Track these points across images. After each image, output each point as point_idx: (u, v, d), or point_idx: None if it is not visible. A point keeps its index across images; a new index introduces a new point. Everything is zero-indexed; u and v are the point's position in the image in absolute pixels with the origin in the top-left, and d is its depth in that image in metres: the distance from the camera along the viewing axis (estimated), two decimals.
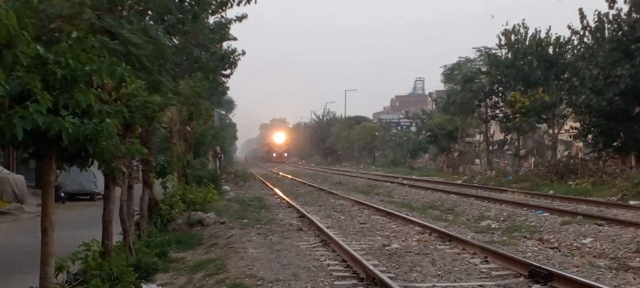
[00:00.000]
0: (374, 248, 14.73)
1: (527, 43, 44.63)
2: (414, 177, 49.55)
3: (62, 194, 25.04)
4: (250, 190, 36.84)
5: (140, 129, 12.32)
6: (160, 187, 18.02)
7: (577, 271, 11.69)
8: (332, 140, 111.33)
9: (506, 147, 52.93)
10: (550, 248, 14.55)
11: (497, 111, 50.93)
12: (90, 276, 9.37)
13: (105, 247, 10.37)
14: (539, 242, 15.38)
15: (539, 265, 11.49)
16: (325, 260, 13.15)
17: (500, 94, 49.66)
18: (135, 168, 13.71)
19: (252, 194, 32.86)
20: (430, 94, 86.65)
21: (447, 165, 59.40)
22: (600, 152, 35.39)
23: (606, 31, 33.09)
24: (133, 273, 10.42)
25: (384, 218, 21.09)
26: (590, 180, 30.85)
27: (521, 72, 44.29)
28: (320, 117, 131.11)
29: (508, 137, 49.68)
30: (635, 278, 11.08)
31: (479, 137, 61.37)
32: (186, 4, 17.56)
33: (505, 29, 45.78)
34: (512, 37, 45.50)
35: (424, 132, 71.26)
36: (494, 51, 48.08)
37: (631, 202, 23.27)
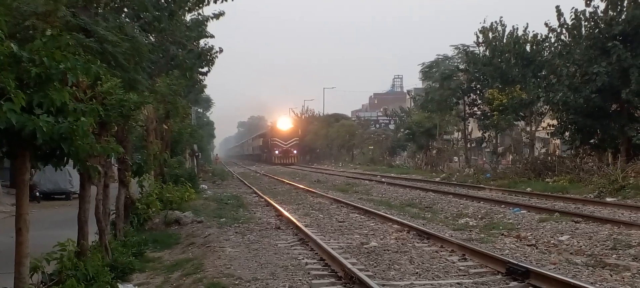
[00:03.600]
0: (352, 246, 14.71)
1: (504, 41, 44.83)
2: (392, 174, 49.62)
3: (37, 193, 24.78)
4: (228, 189, 36.71)
5: (116, 128, 12.22)
6: (137, 186, 17.90)
7: (554, 268, 11.75)
8: (311, 138, 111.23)
9: (484, 144, 53.19)
10: (528, 245, 14.61)
11: (475, 109, 51.15)
12: (65, 276, 9.28)
13: (80, 247, 10.28)
14: (516, 239, 15.45)
15: (516, 262, 11.54)
16: (303, 259, 13.12)
17: (478, 92, 49.88)
18: (111, 167, 13.59)
19: (230, 193, 32.74)
20: (408, 92, 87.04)
21: (426, 162, 59.56)
22: (577, 150, 35.68)
23: (583, 29, 33.33)
24: (109, 273, 10.34)
25: (362, 217, 21.09)
26: (568, 177, 31.07)
27: (499, 69, 44.49)
28: (299, 115, 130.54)
29: (486, 135, 49.92)
30: (611, 275, 11.15)
31: (457, 135, 61.58)
32: (163, 1, 17.42)
33: (482, 27, 45.97)
34: (490, 34, 45.68)
35: (402, 130, 71.47)
36: (472, 49, 48.29)
37: (608, 199, 23.47)
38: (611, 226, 16.59)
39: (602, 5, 32.36)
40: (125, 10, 16.12)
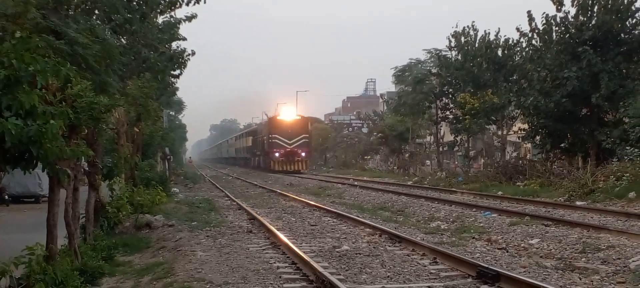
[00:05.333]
0: (324, 250, 14.71)
1: (476, 45, 45.16)
2: (365, 178, 49.72)
3: (6, 197, 24.53)
4: (199, 192, 36.54)
5: (86, 131, 12.13)
6: (107, 189, 17.76)
7: (524, 271, 11.83)
8: None
9: (456, 148, 53.44)
10: (498, 248, 14.70)
11: (447, 113, 51.36)
12: (34, 281, 9.19)
13: (49, 251, 10.18)
14: (487, 243, 15.53)
15: (486, 265, 11.60)
16: (275, 263, 13.08)
17: (450, 96, 50.10)
18: (81, 170, 13.48)
19: (202, 196, 32.59)
20: (381, 96, 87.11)
21: (398, 166, 59.77)
22: (547, 154, 35.97)
23: (554, 34, 33.65)
24: (78, 277, 10.26)
25: (334, 220, 21.10)
26: (538, 181, 31.31)
27: (471, 73, 44.80)
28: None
29: (458, 139, 50.18)
30: (581, 278, 11.25)
31: (429, 139, 61.91)
32: (134, 3, 17.35)
33: (455, 31, 46.30)
34: (462, 39, 46.01)
35: (375, 134, 71.58)
36: (444, 53, 48.56)
37: (578, 203, 23.68)
38: (581, 229, 16.73)
39: (573, 11, 32.73)
40: (96, 12, 16.03)
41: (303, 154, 65.75)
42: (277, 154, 64.73)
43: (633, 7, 31.56)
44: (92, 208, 15.05)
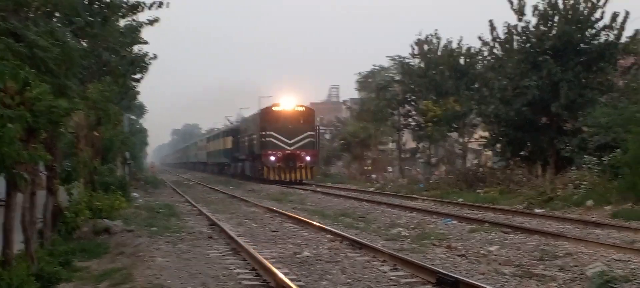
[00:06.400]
0: (285, 256, 14.71)
1: (439, 53, 45.54)
2: (328, 184, 49.73)
3: None
4: (160, 197, 36.30)
5: (44, 134, 11.99)
6: (66, 194, 17.56)
7: (483, 278, 11.93)
8: None
9: (418, 155, 53.78)
10: (458, 255, 14.80)
11: (410, 120, 51.64)
12: None
13: (5, 256, 10.03)
14: (447, 250, 15.62)
15: (446, 272, 11.69)
16: (235, 269, 13.07)
17: (413, 103, 50.38)
18: (39, 174, 13.31)
19: (162, 201, 32.36)
20: (345, 102, 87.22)
21: (361, 172, 59.90)
22: (508, 161, 36.30)
23: (515, 43, 34.02)
24: (35, 282, 10.13)
25: (296, 226, 21.09)
26: (498, 188, 31.60)
27: (433, 81, 45.15)
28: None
29: (420, 146, 50.51)
30: (538, 285, 11.40)
31: (391, 145, 62.14)
32: (96, 6, 17.17)
33: (418, 39, 46.65)
34: (425, 46, 46.37)
35: (338, 140, 71.69)
36: (407, 60, 48.86)
37: (536, 210, 23.98)
38: (539, 237, 16.96)
39: (534, 20, 33.12)
40: (57, 15, 15.82)
41: (308, 158, 49.88)
42: (272, 158, 49.12)
43: (592, 18, 32.05)
44: (50, 213, 14.89)
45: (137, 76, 28.21)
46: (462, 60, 44.85)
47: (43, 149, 10.63)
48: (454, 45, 45.01)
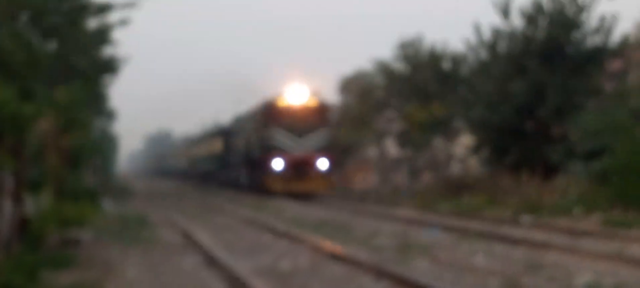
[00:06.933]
0: (263, 268, 14.25)
1: (423, 55, 45.32)
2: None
3: None
4: (132, 206, 35.69)
5: (10, 141, 11.55)
6: (33, 203, 17.01)
7: None
8: None
9: (401, 161, 53.45)
10: (443, 266, 14.41)
11: (393, 125, 51.32)
12: None
13: None
14: (431, 260, 15.23)
15: (430, 284, 11.30)
16: (209, 281, 12.69)
17: (396, 108, 50.01)
18: (4, 182, 12.82)
19: (134, 210, 31.77)
20: None
21: (342, 179, 59.51)
22: (493, 168, 35.98)
23: (501, 46, 33.79)
24: None
25: (274, 237, 20.57)
26: (484, 196, 31.18)
27: (417, 85, 44.84)
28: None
29: (404, 152, 50.19)
30: None
31: (374, 153, 61.87)
32: (64, 7, 16.69)
33: (402, 42, 46.41)
34: (409, 50, 46.13)
35: None
36: (390, 63, 48.48)
37: (524, 219, 23.62)
38: (526, 247, 16.63)
39: (520, 23, 32.85)
40: (23, 18, 15.36)
41: (322, 165, 40.91)
42: (278, 164, 39.91)
43: (579, 21, 31.87)
44: (16, 223, 14.43)
45: (108, 79, 27.73)
46: (446, 65, 44.60)
47: (8, 156, 10.17)
48: (439, 49, 44.80)
